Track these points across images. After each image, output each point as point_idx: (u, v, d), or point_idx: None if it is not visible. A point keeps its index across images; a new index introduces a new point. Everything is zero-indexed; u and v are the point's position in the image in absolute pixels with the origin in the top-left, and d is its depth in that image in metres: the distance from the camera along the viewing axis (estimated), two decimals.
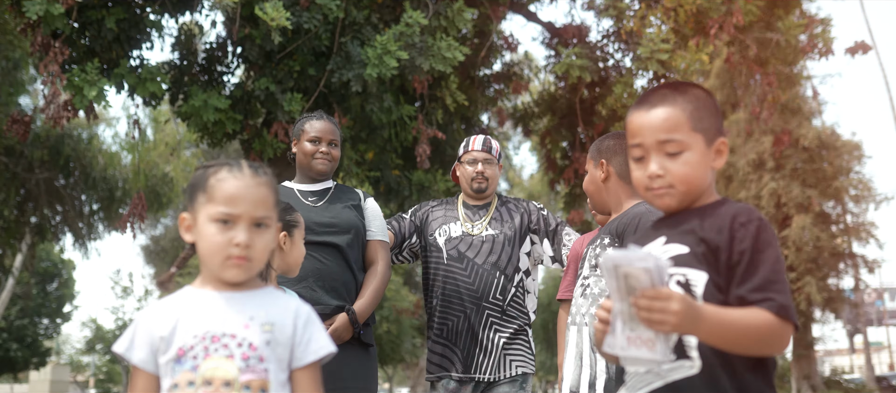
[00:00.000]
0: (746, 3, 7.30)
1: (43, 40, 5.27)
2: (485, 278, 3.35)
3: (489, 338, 3.34)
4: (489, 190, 3.52)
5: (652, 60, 6.77)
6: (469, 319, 3.34)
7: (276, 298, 1.55)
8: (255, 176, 1.52)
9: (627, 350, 1.39)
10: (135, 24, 5.98)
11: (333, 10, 5.77)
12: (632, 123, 1.60)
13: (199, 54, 6.97)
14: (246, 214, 1.48)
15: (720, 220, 1.48)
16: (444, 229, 3.46)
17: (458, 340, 3.35)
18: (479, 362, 3.34)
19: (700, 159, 1.53)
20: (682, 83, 1.63)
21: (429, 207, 3.61)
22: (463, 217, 3.50)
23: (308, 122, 3.27)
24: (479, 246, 3.40)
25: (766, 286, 1.41)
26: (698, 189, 1.55)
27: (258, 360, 1.45)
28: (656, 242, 1.57)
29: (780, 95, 8.69)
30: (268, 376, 1.45)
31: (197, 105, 5.91)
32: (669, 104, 1.55)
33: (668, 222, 1.59)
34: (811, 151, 19.27)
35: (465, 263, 3.38)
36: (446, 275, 3.38)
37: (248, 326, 1.47)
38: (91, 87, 5.25)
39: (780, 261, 1.45)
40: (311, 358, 1.51)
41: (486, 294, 3.34)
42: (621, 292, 1.37)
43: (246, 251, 1.47)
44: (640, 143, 1.56)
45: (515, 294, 3.41)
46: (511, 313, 3.39)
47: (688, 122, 1.53)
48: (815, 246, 18.82)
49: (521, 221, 3.50)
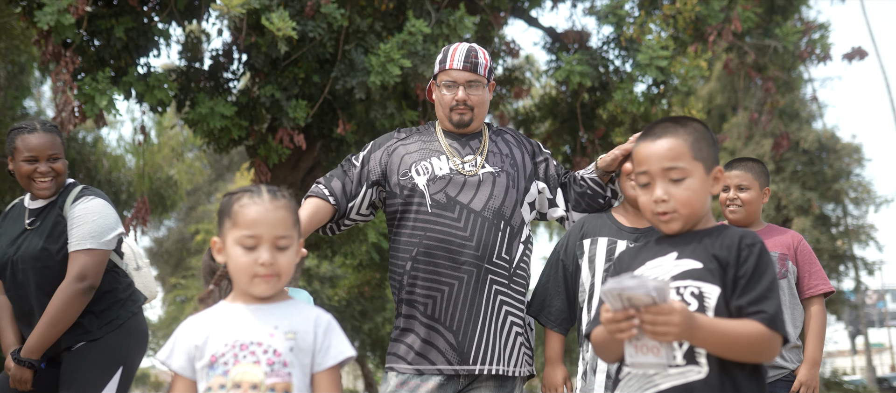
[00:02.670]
0: (744, 9, 7.40)
1: (54, 49, 5.38)
2: (486, 231, 2.52)
3: (495, 312, 2.53)
4: (475, 123, 2.69)
5: (651, 67, 6.86)
6: (466, 287, 2.50)
7: (299, 308, 1.69)
8: (273, 200, 1.66)
9: (635, 357, 1.58)
10: (143, 33, 6.09)
11: (338, 19, 5.87)
12: (639, 153, 1.76)
13: (205, 61, 7.08)
14: (267, 236, 1.62)
15: (729, 240, 1.68)
16: (425, 166, 2.60)
17: (450, 318, 2.50)
18: (481, 348, 2.50)
19: (700, 185, 1.71)
20: (683, 117, 1.80)
21: (393, 140, 2.71)
22: (449, 150, 2.64)
23: (20, 136, 2.84)
24: (474, 188, 2.57)
25: (760, 300, 1.59)
26: (699, 213, 1.73)
27: (282, 365, 1.60)
28: (668, 256, 1.73)
29: (778, 100, 8.78)
30: (291, 380, 1.59)
31: (204, 112, 6.02)
32: (672, 135, 1.72)
33: (676, 239, 1.75)
34: (811, 154, 19.35)
35: (459, 211, 2.53)
36: (431, 229, 2.53)
37: (273, 335, 1.62)
38: (102, 96, 5.36)
39: (776, 282, 1.64)
40: (330, 362, 1.65)
41: (490, 253, 2.53)
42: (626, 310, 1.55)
43: (270, 269, 1.61)
44: (646, 170, 1.73)
45: (524, 255, 2.63)
46: (520, 281, 2.61)
47: (689, 152, 1.71)
48: (816, 248, 18.90)
49: (523, 158, 2.72)
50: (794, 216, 18.89)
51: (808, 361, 2.95)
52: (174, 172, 16.29)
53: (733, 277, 1.62)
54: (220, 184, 22.21)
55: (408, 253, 2.55)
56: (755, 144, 18.88)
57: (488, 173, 2.61)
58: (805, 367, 2.95)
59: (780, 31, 7.68)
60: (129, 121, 22.87)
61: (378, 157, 2.68)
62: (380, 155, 2.68)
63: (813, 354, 2.95)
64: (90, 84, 5.46)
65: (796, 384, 2.96)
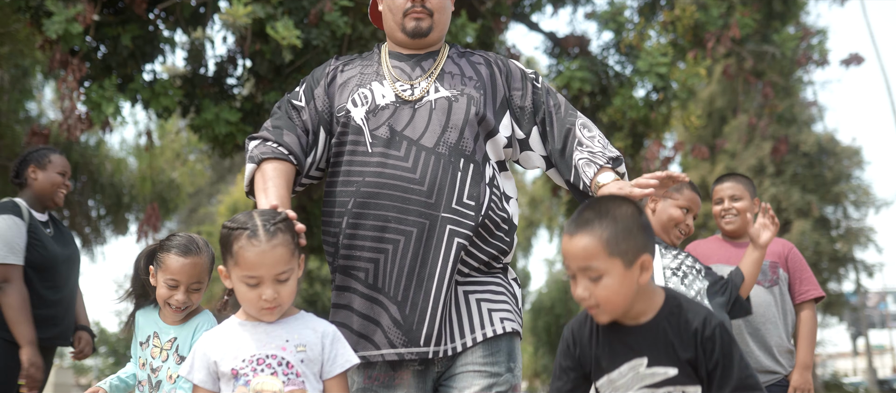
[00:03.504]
0: (743, 16, 7.47)
1: (61, 57, 5.46)
2: (441, 171, 1.98)
3: (454, 274, 1.95)
4: (434, 33, 2.15)
5: (651, 73, 6.94)
6: (416, 244, 1.95)
7: (306, 322, 1.81)
8: (270, 240, 1.70)
9: None
10: (149, 41, 6.17)
11: (341, 27, 5.94)
12: (562, 249, 1.71)
13: (209, 68, 7.16)
14: (268, 276, 1.71)
15: (686, 335, 1.67)
16: (364, 94, 2.07)
17: (393, 285, 1.94)
18: (434, 325, 1.92)
19: (619, 282, 1.64)
20: (607, 203, 1.68)
21: (333, 67, 2.20)
22: (392, 72, 2.12)
23: (54, 154, 3.44)
24: (425, 118, 2.03)
25: (741, 385, 1.65)
26: (626, 304, 1.68)
27: (296, 375, 1.72)
28: (637, 361, 1.71)
29: (777, 105, 8.86)
30: (306, 386, 1.72)
31: (209, 118, 6.10)
32: (588, 232, 1.64)
33: (636, 337, 1.71)
34: (811, 157, 19.41)
35: (406, 149, 2.00)
36: (371, 173, 1.99)
37: (284, 348, 1.74)
38: (108, 104, 5.44)
39: (741, 352, 1.68)
40: (338, 370, 1.78)
41: (445, 198, 1.97)
42: None
43: (273, 302, 1.72)
44: (568, 265, 1.69)
45: (492, 199, 2.03)
46: (487, 232, 2.02)
47: (604, 250, 1.62)
48: (815, 251, 18.95)
49: (494, 80, 2.16)
50: (795, 219, 18.95)
51: (800, 365, 3.06)
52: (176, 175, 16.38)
53: (706, 372, 1.66)
54: (222, 186, 22.29)
55: (343, 206, 2.00)
56: (755, 147, 18.95)
57: (443, 98, 2.05)
58: (798, 371, 3.05)
59: (778, 38, 7.76)
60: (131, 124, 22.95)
61: (321, 92, 2.13)
62: (322, 87, 2.14)
63: (805, 359, 3.06)
64: (97, 91, 5.54)
65: (791, 389, 3.05)
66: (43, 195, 3.40)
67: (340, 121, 2.07)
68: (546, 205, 21.85)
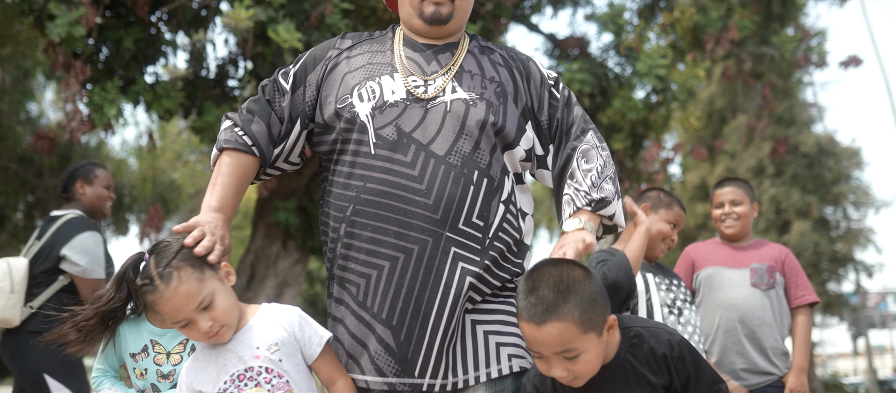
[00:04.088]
0: (742, 18, 7.50)
1: (64, 60, 5.49)
2: (451, 184, 1.77)
3: (458, 300, 1.75)
4: (455, 22, 1.93)
5: (650, 75, 6.97)
6: (416, 264, 1.75)
7: (270, 318, 1.79)
8: (169, 284, 1.65)
9: None
10: (151, 43, 6.20)
11: (342, 29, 5.97)
12: (527, 335, 1.61)
13: (211, 70, 7.19)
14: (183, 317, 1.69)
15: (655, 361, 1.70)
16: (372, 89, 1.85)
17: (387, 307, 1.75)
18: (431, 356, 1.73)
19: (595, 351, 1.62)
20: (559, 277, 1.61)
21: (334, 51, 1.96)
22: (405, 64, 1.89)
23: (99, 169, 3.76)
24: (438, 121, 1.81)
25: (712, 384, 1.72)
26: (601, 360, 1.67)
27: (278, 377, 1.72)
28: None
29: (776, 107, 8.89)
30: (291, 385, 1.72)
31: (210, 120, 6.13)
32: (558, 318, 1.56)
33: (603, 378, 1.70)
34: (811, 157, 19.44)
35: (414, 154, 1.79)
36: (373, 177, 1.80)
37: (258, 357, 1.73)
38: (111, 106, 5.47)
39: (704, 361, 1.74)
40: (317, 351, 1.77)
41: (453, 216, 1.77)
42: None
43: (213, 329, 1.70)
44: (539, 351, 1.62)
45: (506, 218, 1.84)
46: (500, 255, 1.82)
47: (579, 330, 1.57)
48: (815, 251, 18.98)
49: (517, 85, 1.93)
50: (794, 219, 18.97)
51: (795, 368, 3.12)
52: (177, 176, 16.42)
53: (679, 386, 1.71)
54: None
55: (341, 211, 1.82)
56: (755, 148, 18.98)
57: (459, 101, 1.82)
58: (794, 374, 3.12)
59: (777, 40, 7.79)
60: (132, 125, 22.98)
61: (315, 79, 1.93)
62: (317, 75, 1.93)
63: (800, 362, 3.13)
64: (100, 94, 5.57)
65: (787, 391, 3.11)
66: (91, 208, 3.71)
67: (344, 116, 1.84)
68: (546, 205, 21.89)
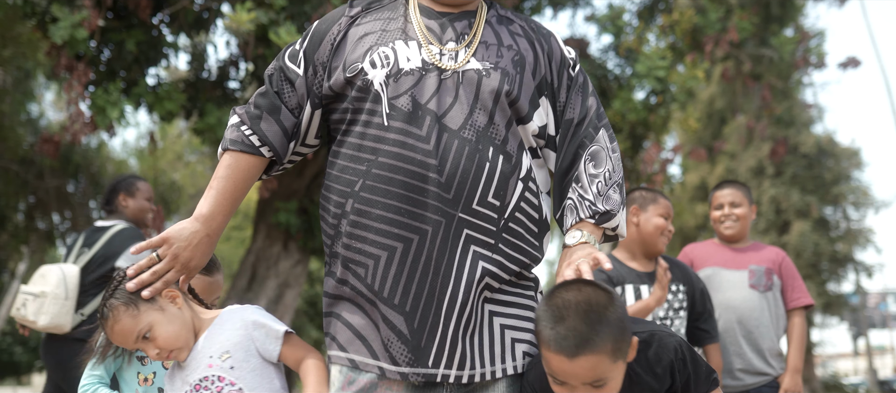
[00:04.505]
0: (741, 19, 7.54)
1: (67, 62, 5.52)
2: (464, 160, 1.66)
3: (470, 286, 1.65)
4: None
5: (650, 77, 7.00)
6: (428, 248, 1.64)
7: (224, 324, 1.83)
8: (112, 317, 1.75)
9: None
10: (153, 45, 6.23)
11: None
12: (556, 367, 1.55)
13: (212, 72, 7.22)
14: (131, 343, 1.78)
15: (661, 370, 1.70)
16: (385, 54, 1.73)
17: (399, 292, 1.64)
18: (445, 345, 1.64)
19: (621, 376, 1.60)
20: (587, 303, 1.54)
21: (343, 18, 1.82)
22: (423, 32, 1.77)
23: (140, 181, 3.95)
24: (452, 92, 1.70)
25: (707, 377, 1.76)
26: None
27: (230, 384, 1.76)
28: None
29: (776, 108, 8.93)
30: (244, 391, 1.76)
31: (212, 122, 6.16)
32: (590, 350, 1.51)
33: None
34: (810, 158, 19.47)
35: (427, 126, 1.67)
36: (385, 151, 1.68)
37: (211, 366, 1.77)
38: (113, 108, 5.51)
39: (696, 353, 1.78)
40: (275, 347, 1.80)
41: (466, 195, 1.66)
42: None
43: (162, 355, 1.78)
44: (565, 382, 1.57)
45: (524, 195, 1.74)
46: (514, 237, 1.72)
47: (609, 360, 1.54)
48: (815, 252, 19.01)
49: (536, 57, 1.81)
50: (794, 220, 19.01)
51: (791, 369, 3.18)
52: (178, 177, 16.46)
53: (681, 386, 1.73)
54: None
55: (349, 185, 1.70)
56: (754, 149, 19.01)
57: (472, 71, 1.71)
58: (789, 374, 3.17)
59: (776, 41, 7.83)
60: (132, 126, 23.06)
61: (323, 57, 1.79)
62: (324, 52, 1.79)
63: (795, 363, 3.19)
64: (102, 96, 5.61)
65: (782, 392, 3.16)
66: (134, 220, 3.87)
67: (356, 84, 1.71)
68: None
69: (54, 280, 3.54)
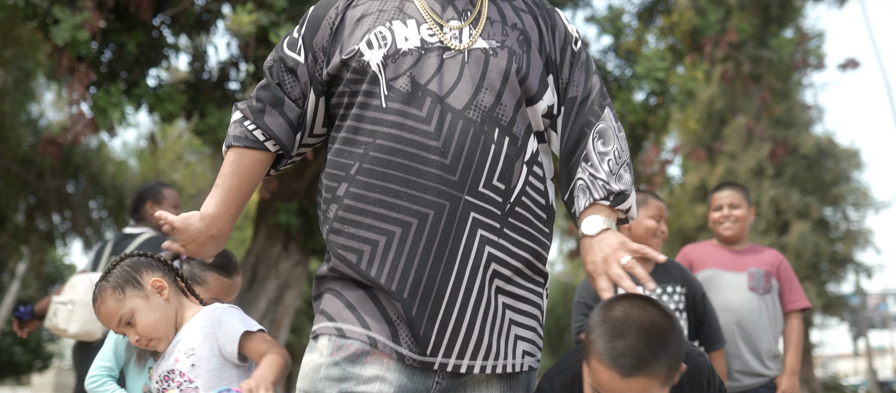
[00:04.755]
0: (740, 21, 7.55)
1: (68, 63, 5.54)
2: (471, 141, 1.61)
3: (475, 272, 1.60)
4: None
5: (649, 78, 7.01)
6: (431, 230, 1.58)
7: (196, 322, 1.89)
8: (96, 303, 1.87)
9: None
10: (154, 47, 6.25)
11: None
12: (605, 381, 1.49)
13: (213, 74, 7.24)
14: (114, 329, 1.88)
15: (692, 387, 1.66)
16: (382, 34, 1.68)
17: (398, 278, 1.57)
18: (445, 331, 1.57)
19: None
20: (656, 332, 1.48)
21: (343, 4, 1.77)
22: (425, 11, 1.72)
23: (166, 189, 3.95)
24: (455, 72, 1.65)
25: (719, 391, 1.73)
26: None
27: (189, 382, 1.82)
28: None
29: (775, 109, 8.95)
30: (199, 391, 1.81)
31: (213, 123, 6.17)
32: (645, 373, 1.46)
33: None
34: (810, 159, 19.48)
35: (428, 107, 1.62)
36: (383, 133, 1.63)
37: (177, 361, 1.84)
38: (114, 109, 5.52)
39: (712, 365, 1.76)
40: (233, 347, 1.82)
41: (472, 177, 1.61)
42: None
43: (142, 343, 1.86)
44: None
45: (530, 181, 1.68)
46: (521, 222, 1.66)
47: (660, 385, 1.49)
48: (815, 252, 19.02)
49: (540, 33, 1.77)
50: (794, 221, 19.02)
51: (788, 370, 3.20)
52: (178, 177, 16.47)
53: None
54: None
55: (344, 169, 1.64)
56: (754, 149, 19.03)
57: (478, 50, 1.66)
58: (786, 376, 3.20)
59: (776, 42, 7.84)
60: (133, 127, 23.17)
61: (322, 42, 1.74)
62: (322, 37, 1.74)
63: (792, 364, 3.21)
64: (103, 97, 5.62)
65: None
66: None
67: (351, 66, 1.67)
68: None
69: (83, 288, 3.58)
